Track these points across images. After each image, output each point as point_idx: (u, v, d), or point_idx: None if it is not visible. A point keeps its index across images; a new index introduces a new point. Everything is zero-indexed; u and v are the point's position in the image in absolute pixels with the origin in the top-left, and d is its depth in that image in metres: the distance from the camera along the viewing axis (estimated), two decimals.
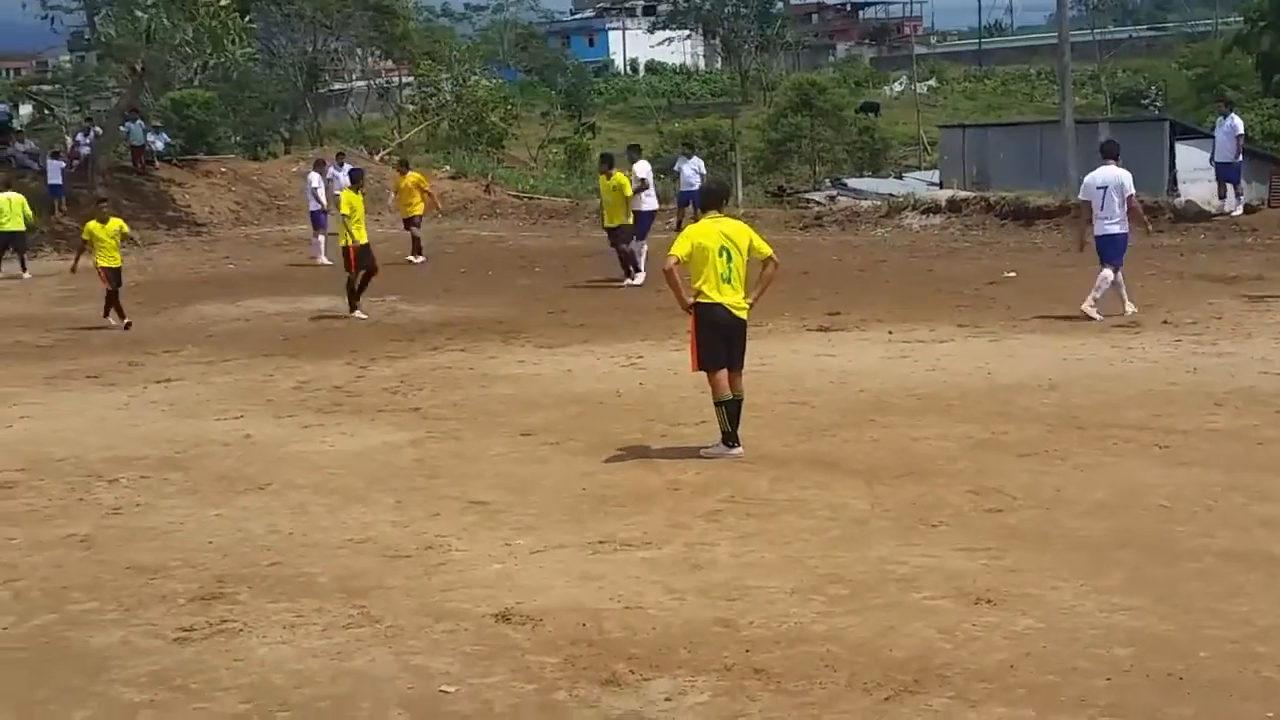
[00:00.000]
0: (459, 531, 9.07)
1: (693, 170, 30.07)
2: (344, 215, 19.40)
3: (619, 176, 22.49)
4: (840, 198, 33.98)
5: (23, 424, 13.28)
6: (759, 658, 6.63)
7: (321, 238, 27.74)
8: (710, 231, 10.75)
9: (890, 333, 16.28)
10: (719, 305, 10.67)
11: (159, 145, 39.12)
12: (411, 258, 26.63)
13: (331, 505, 9.88)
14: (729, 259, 10.64)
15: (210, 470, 10.95)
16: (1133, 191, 16.76)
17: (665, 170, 32.92)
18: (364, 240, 19.40)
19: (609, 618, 7.28)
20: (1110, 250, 16.68)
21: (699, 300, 10.72)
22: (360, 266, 19.49)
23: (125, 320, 19.16)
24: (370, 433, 12.31)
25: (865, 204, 32.48)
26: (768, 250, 10.89)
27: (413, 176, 28.34)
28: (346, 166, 26.84)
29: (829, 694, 6.19)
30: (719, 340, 10.76)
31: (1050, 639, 6.70)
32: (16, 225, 27.93)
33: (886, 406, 12.35)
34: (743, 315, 10.82)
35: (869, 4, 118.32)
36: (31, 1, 34.76)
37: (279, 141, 51.12)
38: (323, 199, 28.11)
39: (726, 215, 11.04)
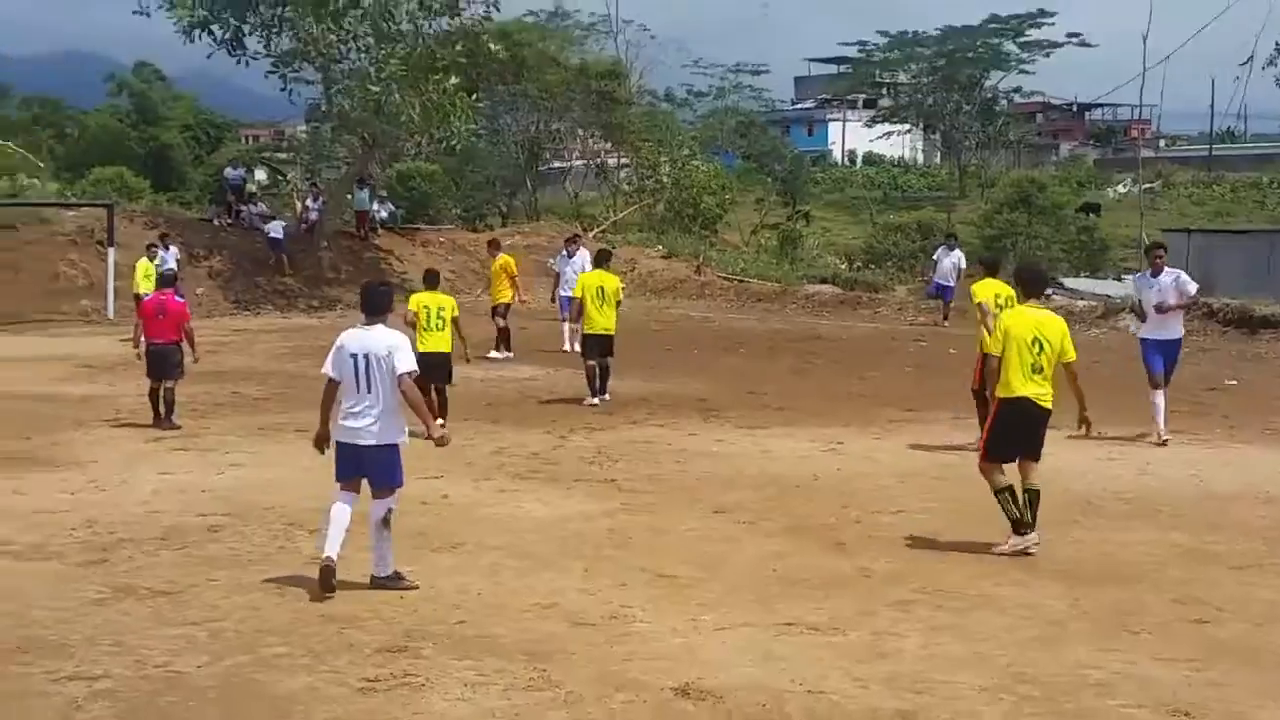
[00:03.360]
0: (645, 603, 9.03)
1: (952, 264, 30.09)
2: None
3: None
4: (1055, 296, 33.26)
5: (233, 471, 13.68)
6: None
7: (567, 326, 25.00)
8: (1025, 320, 10.55)
9: (1100, 434, 15.80)
10: (1024, 399, 10.40)
11: (384, 214, 40.34)
12: (494, 353, 23.86)
13: (521, 569, 9.92)
14: (1040, 349, 10.40)
15: (407, 527, 11.05)
16: None
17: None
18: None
19: (790, 700, 7.15)
20: None
21: (1003, 393, 10.49)
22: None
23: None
24: (565, 501, 12.38)
25: (1081, 304, 31.80)
26: (1073, 355, 10.65)
27: (503, 259, 25.51)
28: (581, 248, 26.13)
29: None
30: (1017, 434, 10.51)
31: None
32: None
33: (1092, 509, 12.00)
34: (1047, 405, 10.52)
35: (1096, 105, 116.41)
36: (274, 75, 36.14)
37: (497, 215, 52.18)
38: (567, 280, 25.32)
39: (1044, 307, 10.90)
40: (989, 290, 14.81)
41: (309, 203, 40.18)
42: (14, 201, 34.16)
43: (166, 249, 31.28)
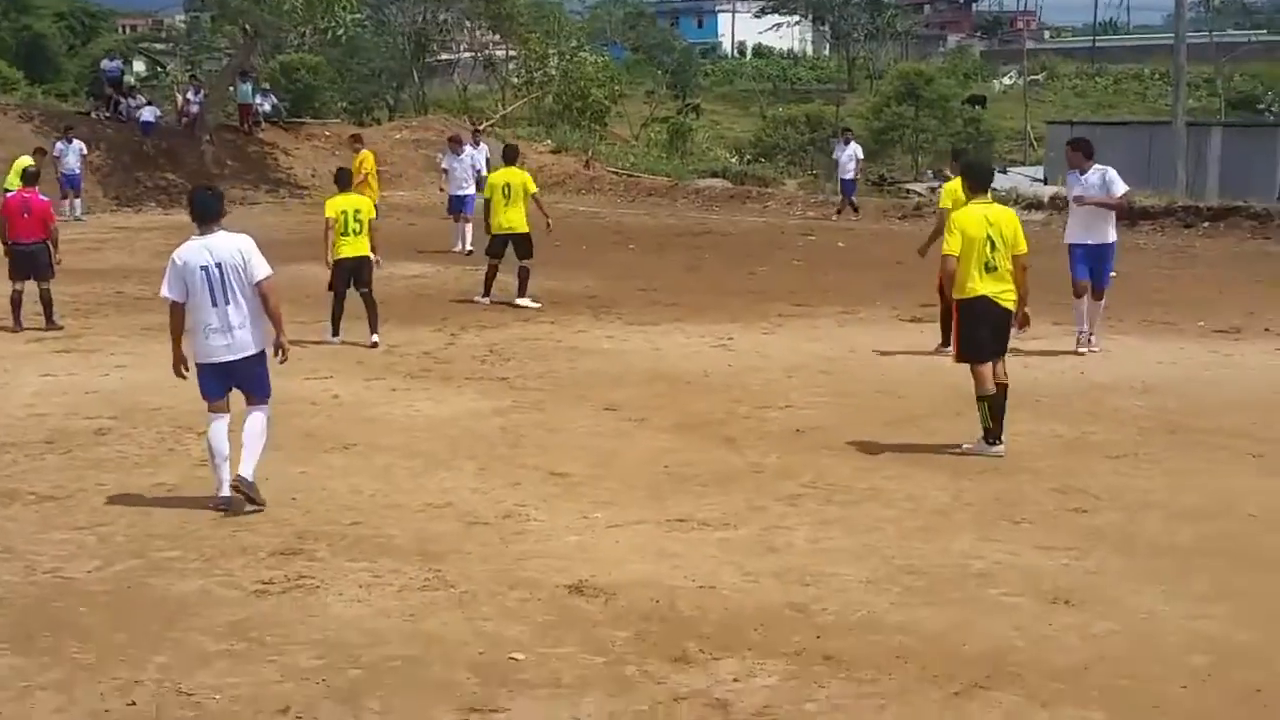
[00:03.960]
0: (538, 502, 9.10)
1: (849, 157, 30.38)
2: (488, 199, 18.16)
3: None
4: (939, 189, 33.55)
5: (119, 373, 13.50)
6: (830, 644, 6.59)
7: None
8: (976, 218, 10.32)
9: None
10: (983, 298, 10.26)
11: (266, 107, 39.58)
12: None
13: (414, 469, 9.94)
14: (993, 247, 10.22)
15: (297, 428, 11.05)
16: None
17: None
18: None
19: (682, 596, 7.27)
20: None
21: (960, 295, 10.36)
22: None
23: None
24: (457, 400, 12.38)
25: None
26: (1024, 248, 10.42)
27: (363, 154, 24.77)
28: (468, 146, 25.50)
29: (898, 685, 6.14)
30: (985, 332, 10.36)
31: (1128, 643, 6.60)
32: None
33: (974, 401, 12.17)
34: (1009, 305, 10.38)
35: None
36: None
37: (384, 108, 51.47)
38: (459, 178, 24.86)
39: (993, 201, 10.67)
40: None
41: (189, 95, 39.26)
42: None
43: (69, 142, 30.56)
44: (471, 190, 24.35)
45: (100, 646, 6.62)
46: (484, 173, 24.56)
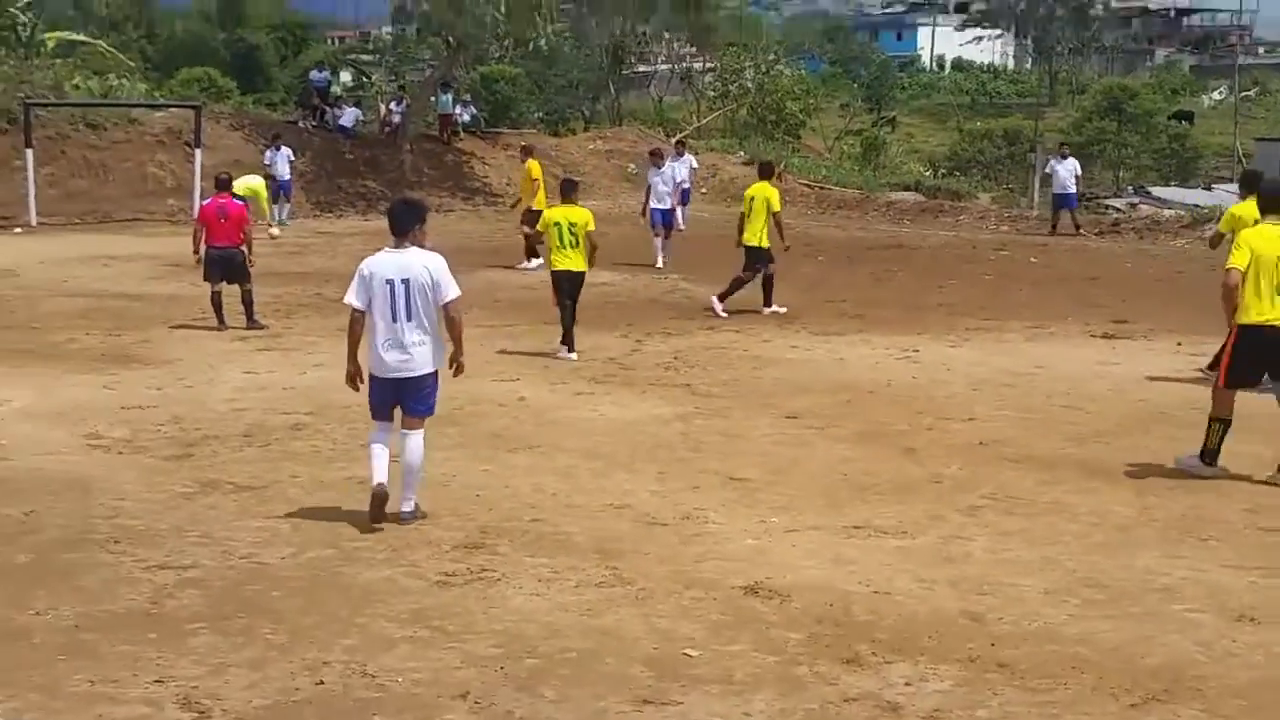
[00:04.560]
0: (717, 505, 9.18)
1: (1068, 172, 29.79)
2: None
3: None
4: (1142, 205, 32.91)
5: (316, 372, 13.92)
6: (1004, 653, 6.54)
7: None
8: (1271, 238, 9.67)
9: (1179, 344, 15.72)
10: (1268, 325, 9.63)
11: (466, 117, 40.37)
12: (526, 263, 22.94)
13: (596, 470, 10.10)
14: None
15: (484, 428, 11.31)
16: None
17: None
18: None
19: (856, 600, 7.28)
20: None
21: (1243, 320, 9.72)
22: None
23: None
24: (641, 404, 12.53)
25: (1168, 213, 31.43)
26: None
27: (530, 164, 24.00)
28: (687, 155, 25.28)
29: (1073, 695, 6.07)
30: (1259, 361, 9.80)
31: None
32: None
33: (1166, 418, 11.95)
34: None
35: (1194, 10, 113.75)
36: None
37: (580, 119, 52.12)
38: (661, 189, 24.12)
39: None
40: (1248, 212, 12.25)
41: (392, 105, 40.30)
42: (105, 102, 34.45)
43: (277, 150, 31.63)
44: (669, 204, 24.10)
45: (291, 628, 6.87)
46: (687, 185, 24.46)
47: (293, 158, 32.06)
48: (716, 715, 5.87)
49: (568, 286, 14.95)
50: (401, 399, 8.75)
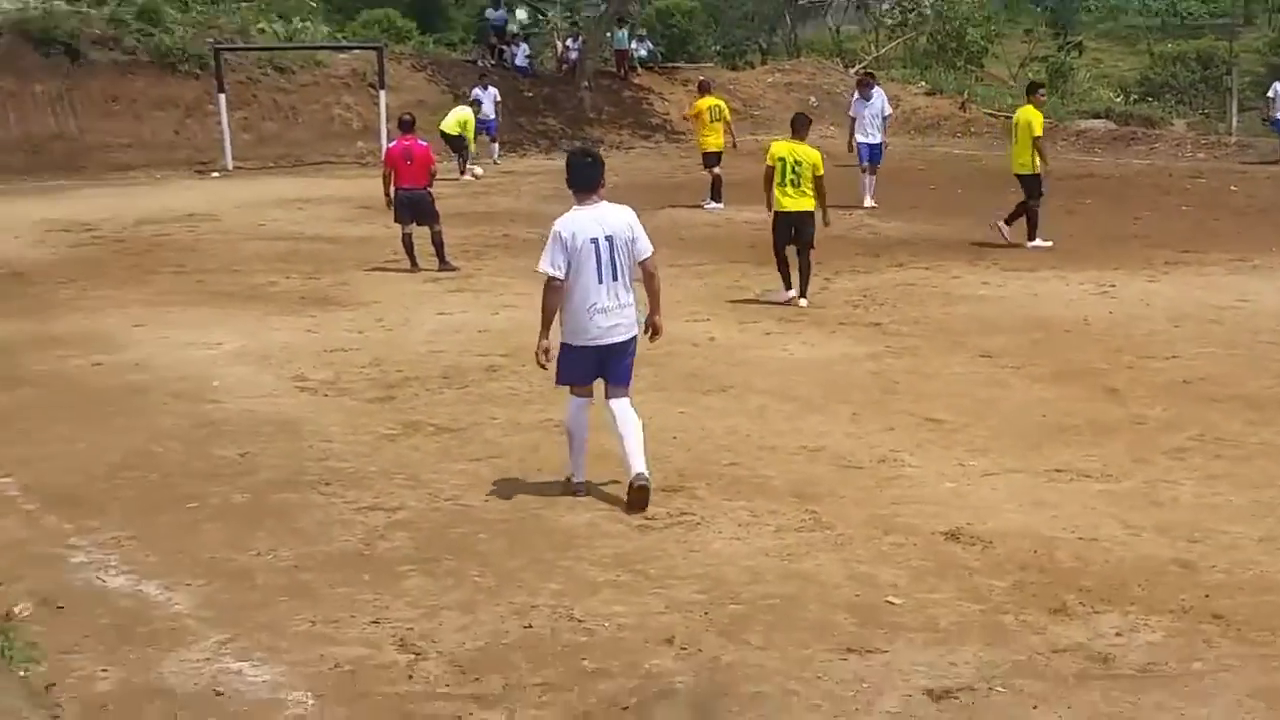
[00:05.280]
0: (913, 447, 9.13)
1: None
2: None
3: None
4: None
5: (507, 313, 14.12)
6: (1219, 603, 6.41)
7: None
8: None
9: None
10: None
11: (643, 52, 40.34)
12: (710, 203, 22.75)
13: (789, 412, 10.10)
14: None
15: (677, 369, 11.37)
16: None
17: None
18: None
19: (1061, 546, 7.20)
20: None
21: None
22: None
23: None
24: (830, 344, 12.48)
25: None
26: None
27: (710, 100, 23.70)
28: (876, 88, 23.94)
29: None
30: None
31: None
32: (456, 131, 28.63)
33: None
34: None
35: None
36: None
37: (757, 52, 51.65)
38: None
39: None
40: None
41: (569, 43, 40.44)
42: (290, 45, 35.12)
43: (485, 89, 32.00)
44: (878, 138, 23.00)
45: (498, 572, 7.03)
46: (889, 115, 23.43)
47: (498, 98, 32.33)
48: (922, 665, 5.86)
49: (789, 229, 14.23)
50: (608, 367, 8.16)
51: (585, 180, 8.15)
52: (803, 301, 14.25)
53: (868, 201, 22.33)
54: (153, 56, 32.22)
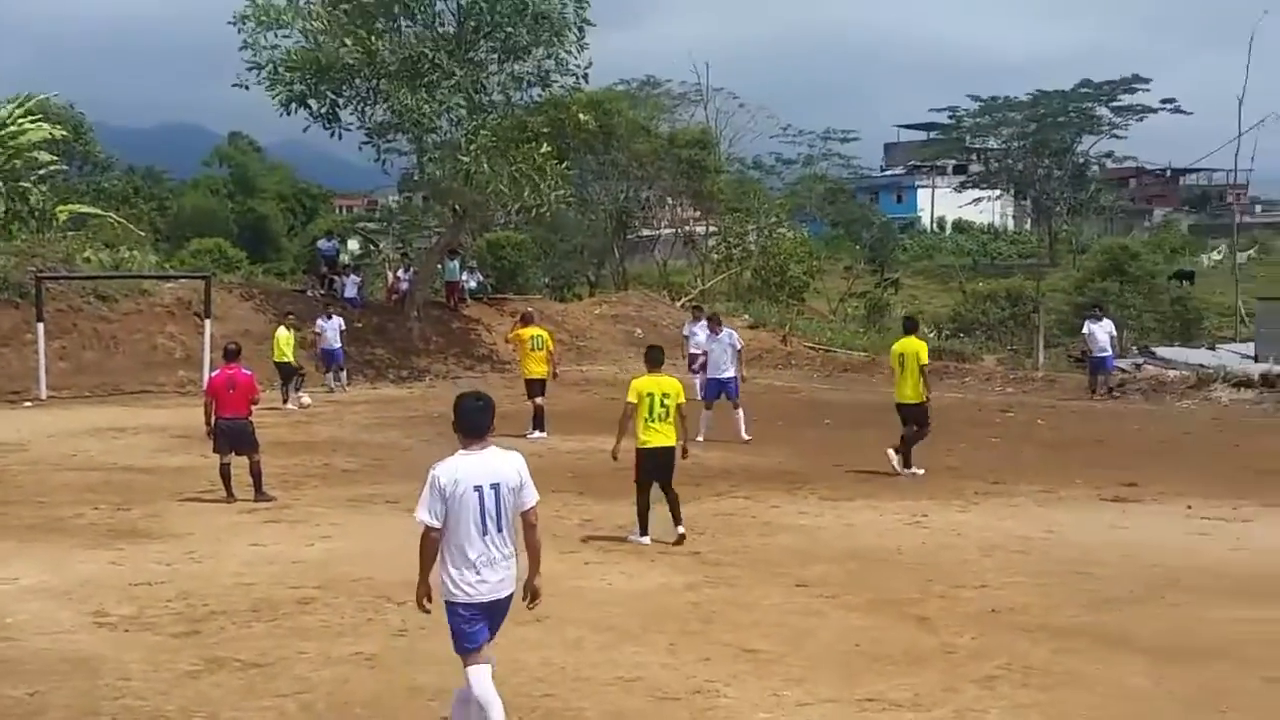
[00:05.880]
0: (729, 678, 9.09)
1: (1106, 334, 29.75)
2: None
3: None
4: (1147, 366, 33.07)
5: (323, 544, 13.89)
6: None
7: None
8: None
9: (1189, 507, 15.67)
10: None
11: (472, 284, 40.83)
12: (535, 433, 22.94)
13: (605, 643, 10.02)
14: None
15: None
16: None
17: None
18: None
19: None
20: None
21: None
22: None
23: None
24: (649, 574, 12.46)
25: (1173, 374, 31.53)
26: None
27: (530, 330, 23.97)
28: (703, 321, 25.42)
29: None
30: None
31: None
32: (283, 357, 28.87)
33: (1180, 584, 11.86)
34: None
35: (1190, 170, 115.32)
36: (368, 146, 36.97)
37: (585, 284, 52.63)
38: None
39: None
40: None
41: (400, 273, 40.80)
42: (116, 274, 34.79)
43: (329, 319, 31.90)
44: (732, 372, 23.19)
45: None
46: (740, 348, 23.71)
47: (343, 327, 32.38)
48: None
49: (658, 465, 13.84)
50: (493, 625, 7.66)
51: (475, 425, 7.65)
52: (680, 530, 13.84)
53: (743, 434, 22.27)
54: None
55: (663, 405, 13.74)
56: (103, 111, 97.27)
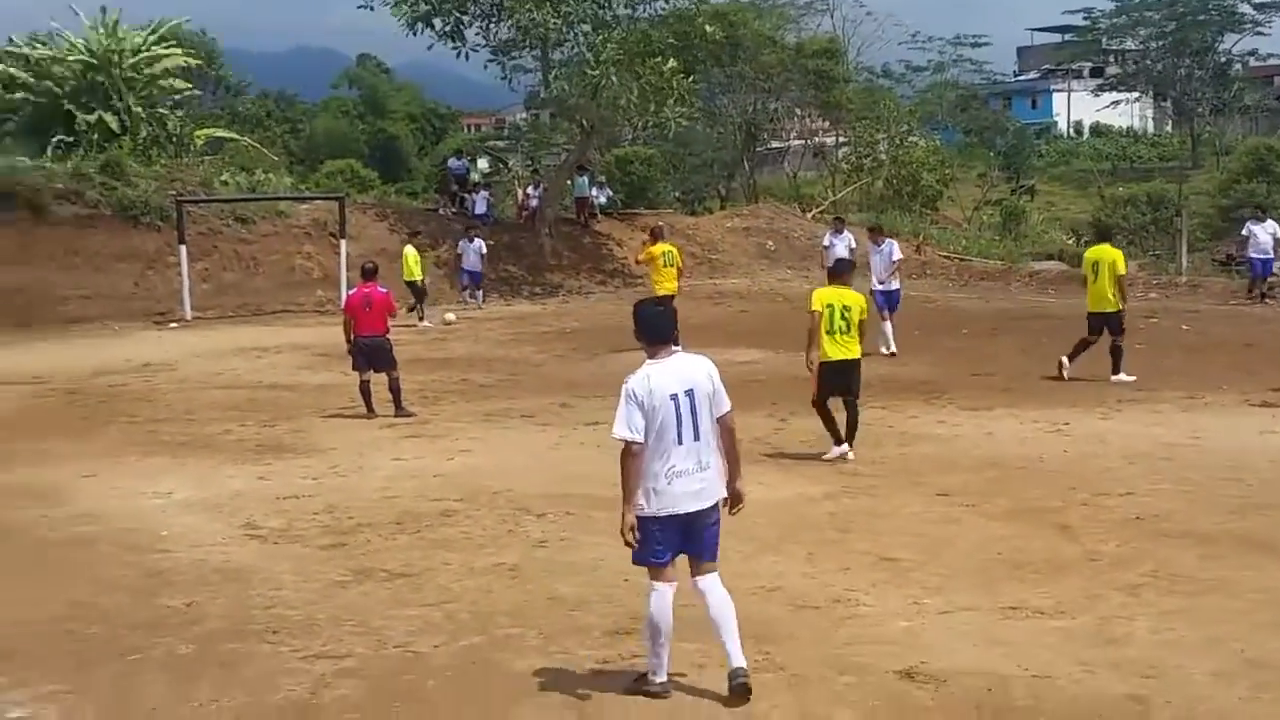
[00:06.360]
0: (868, 587, 9.08)
1: (1269, 235, 28.92)
2: None
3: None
4: None
5: (462, 458, 14.09)
6: None
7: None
8: None
9: None
10: None
11: (602, 199, 40.83)
12: None
13: (745, 553, 10.02)
14: None
15: None
16: None
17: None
18: None
19: (1016, 684, 7.14)
20: None
21: None
22: None
23: None
24: (787, 484, 12.45)
25: None
26: None
27: (665, 247, 23.50)
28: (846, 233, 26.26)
29: None
30: None
31: None
32: (411, 276, 29.33)
33: None
34: None
35: None
36: (494, 64, 37.03)
37: (716, 198, 52.37)
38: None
39: None
40: None
41: (530, 190, 40.93)
42: (253, 196, 35.37)
43: (471, 241, 32.53)
44: (895, 284, 23.00)
45: (447, 719, 6.91)
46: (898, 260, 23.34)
47: (484, 250, 32.94)
48: None
49: (841, 379, 13.55)
50: (692, 538, 7.27)
51: (660, 330, 7.34)
52: (850, 454, 13.62)
53: (886, 348, 21.64)
54: (115, 210, 32.44)
55: (843, 318, 13.41)
56: (234, 37, 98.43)
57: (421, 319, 28.50)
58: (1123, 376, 17.99)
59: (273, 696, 7.28)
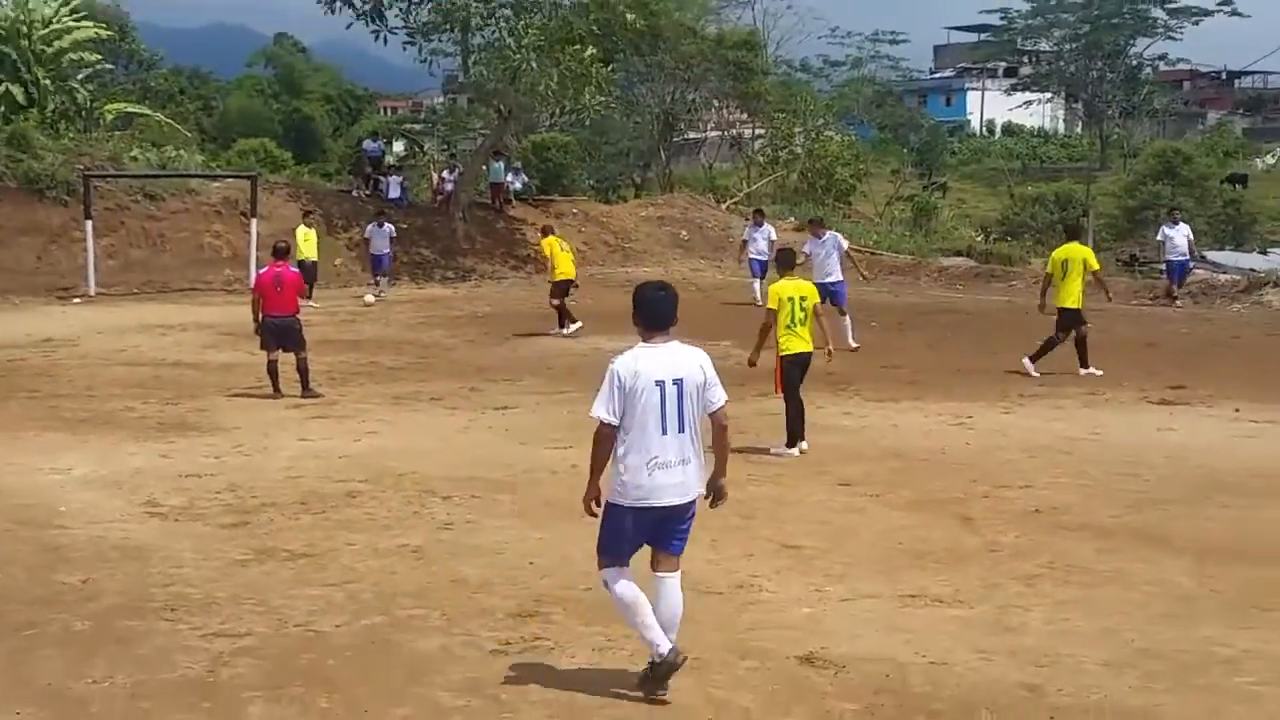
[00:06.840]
0: (771, 573, 9.15)
1: (1184, 237, 29.36)
2: None
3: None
4: (1197, 270, 32.69)
5: (369, 439, 14.01)
6: None
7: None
8: None
9: (1238, 410, 15.58)
10: None
11: (517, 185, 40.69)
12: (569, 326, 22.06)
13: None
14: None
15: (538, 495, 11.33)
16: None
17: None
18: None
19: (913, 671, 7.22)
20: None
21: None
22: None
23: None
24: None
25: (1223, 278, 31.21)
26: None
27: (553, 239, 23.85)
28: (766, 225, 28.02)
29: None
30: None
31: None
32: (302, 255, 28.33)
33: (1225, 485, 11.83)
34: None
35: (1245, 73, 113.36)
36: (412, 47, 36.75)
37: (630, 186, 52.38)
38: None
39: None
40: None
41: (445, 174, 40.72)
42: (163, 173, 34.91)
43: (380, 226, 31.37)
44: (838, 275, 22.55)
45: (346, 698, 6.89)
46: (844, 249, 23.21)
47: (393, 234, 32.07)
48: None
49: (801, 371, 13.67)
50: (661, 533, 7.11)
51: (659, 317, 7.15)
52: (803, 445, 13.62)
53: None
54: (20, 183, 31.89)
55: (802, 309, 13.38)
56: (148, 11, 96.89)
57: (308, 298, 28.12)
58: (1092, 370, 18.34)
59: (169, 674, 7.21)
